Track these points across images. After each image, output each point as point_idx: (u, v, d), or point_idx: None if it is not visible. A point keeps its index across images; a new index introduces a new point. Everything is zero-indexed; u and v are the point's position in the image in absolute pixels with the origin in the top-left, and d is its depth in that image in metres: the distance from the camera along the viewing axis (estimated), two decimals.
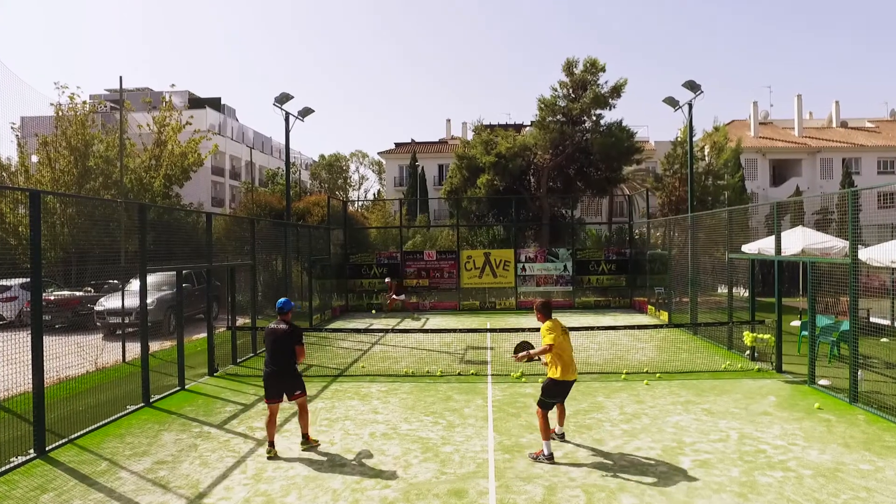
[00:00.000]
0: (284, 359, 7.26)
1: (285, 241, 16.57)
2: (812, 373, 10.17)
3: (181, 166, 24.52)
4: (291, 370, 7.31)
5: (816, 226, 18.21)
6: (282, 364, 7.25)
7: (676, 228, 18.72)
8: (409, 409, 9.12)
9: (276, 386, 7.29)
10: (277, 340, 7.26)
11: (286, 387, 7.30)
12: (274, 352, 7.27)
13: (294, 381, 7.35)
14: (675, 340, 14.88)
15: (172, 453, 7.31)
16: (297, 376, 7.41)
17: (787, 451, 7.05)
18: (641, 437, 7.62)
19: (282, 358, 7.26)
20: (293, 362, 7.32)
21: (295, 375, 7.37)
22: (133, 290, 15.18)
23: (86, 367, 11.81)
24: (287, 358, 7.26)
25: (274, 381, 7.27)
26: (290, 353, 7.27)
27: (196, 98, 51.01)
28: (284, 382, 7.29)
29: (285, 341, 7.25)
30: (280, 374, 7.26)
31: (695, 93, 17.95)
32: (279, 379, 7.27)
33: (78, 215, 20.70)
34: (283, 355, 7.26)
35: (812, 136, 42.66)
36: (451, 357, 13.15)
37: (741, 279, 15.50)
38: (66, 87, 31.52)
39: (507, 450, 7.23)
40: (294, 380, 7.35)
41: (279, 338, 7.26)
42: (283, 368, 7.26)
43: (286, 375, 7.28)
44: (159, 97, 28.66)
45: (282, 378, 7.27)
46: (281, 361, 7.26)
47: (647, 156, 31.34)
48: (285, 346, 7.25)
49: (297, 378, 7.41)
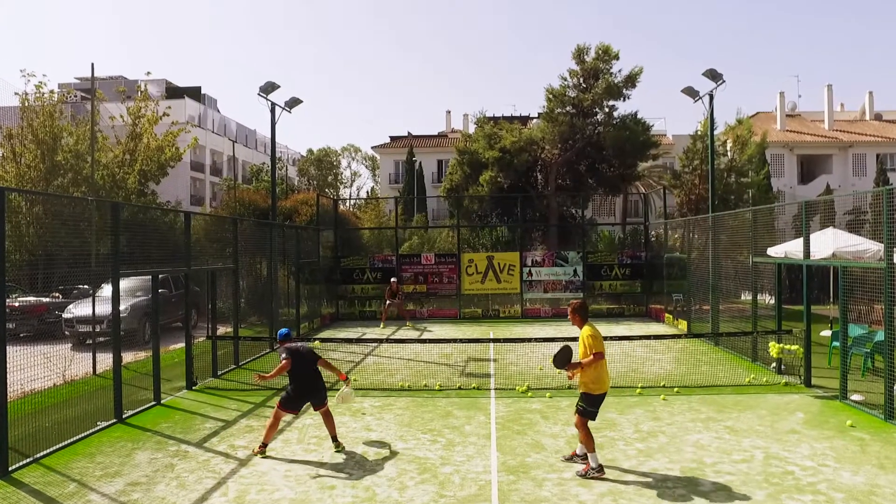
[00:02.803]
0: (317, 374, 8.21)
1: (270, 243, 16.57)
2: (844, 387, 10.16)
3: (158, 161, 24.56)
4: (322, 382, 8.28)
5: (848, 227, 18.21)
6: (316, 378, 8.17)
7: (696, 230, 18.73)
8: (404, 425, 9.11)
9: (305, 400, 8.18)
10: (308, 360, 8.15)
11: (319, 397, 8.15)
12: (307, 370, 8.12)
13: (324, 391, 8.27)
14: (694, 352, 14.88)
15: (147, 474, 7.30)
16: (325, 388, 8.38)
17: (817, 473, 7.04)
18: (658, 458, 7.61)
19: (315, 374, 8.18)
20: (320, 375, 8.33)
21: (324, 386, 8.32)
22: (105, 295, 15.15)
23: (53, 380, 11.80)
24: (318, 372, 8.25)
25: (305, 398, 8.16)
26: (317, 369, 8.28)
27: (174, 87, 51.10)
28: (318, 394, 8.15)
29: (313, 360, 8.20)
30: (315, 388, 8.14)
31: (716, 82, 17.98)
32: (314, 393, 8.13)
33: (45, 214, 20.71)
34: (316, 372, 8.21)
35: (843, 130, 42.74)
36: (450, 370, 13.14)
37: (766, 285, 15.50)
38: (32, 74, 31.38)
39: (511, 470, 7.22)
40: (324, 390, 8.28)
41: (306, 356, 8.16)
42: (318, 382, 8.17)
43: (320, 386, 8.19)
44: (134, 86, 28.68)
45: (316, 391, 8.14)
46: (316, 376, 8.18)
47: (664, 151, 31.37)
48: (314, 363, 8.21)
49: (325, 388, 8.35)
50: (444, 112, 50.29)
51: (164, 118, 25.38)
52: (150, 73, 29.99)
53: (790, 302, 18.04)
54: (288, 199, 28.46)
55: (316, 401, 8.15)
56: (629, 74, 26.16)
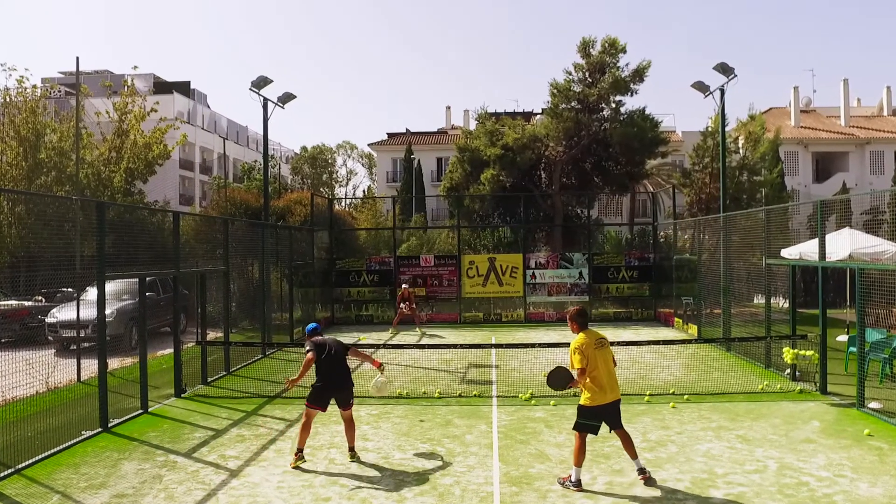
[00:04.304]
0: (345, 369, 8.21)
1: (263, 244, 16.58)
2: (861, 394, 10.16)
3: (145, 159, 24.57)
4: (351, 380, 8.24)
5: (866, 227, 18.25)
6: (344, 374, 8.15)
7: (707, 230, 18.75)
8: (402, 435, 9.11)
9: (331, 395, 8.05)
10: (337, 352, 8.13)
11: (345, 395, 8.10)
12: (334, 364, 8.08)
13: (351, 390, 8.23)
14: (705, 358, 14.89)
15: (134, 485, 7.30)
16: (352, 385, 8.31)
17: (834, 484, 7.05)
18: (667, 468, 7.61)
19: (343, 369, 8.17)
20: (350, 372, 8.31)
21: (352, 384, 8.26)
22: (90, 299, 15.17)
23: (36, 388, 11.79)
24: (347, 368, 8.26)
25: (331, 393, 8.05)
26: (347, 364, 8.29)
27: (162, 82, 51.14)
28: (345, 391, 8.12)
29: (342, 353, 8.21)
30: (343, 384, 8.11)
31: (728, 77, 18.01)
32: (341, 389, 8.08)
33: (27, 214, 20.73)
34: (344, 366, 8.21)
35: (860, 126, 42.78)
36: (450, 376, 13.15)
37: (780, 288, 15.53)
38: (13, 68, 31.68)
39: (514, 482, 7.22)
40: (351, 389, 8.23)
41: (337, 350, 8.16)
42: (346, 379, 8.15)
43: (348, 384, 8.17)
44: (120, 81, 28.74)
45: (344, 387, 8.11)
46: (344, 372, 8.16)
47: (673, 148, 31.41)
48: (343, 357, 8.24)
49: (352, 387, 8.28)
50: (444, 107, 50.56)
51: (151, 114, 25.40)
52: (137, 67, 30.37)
53: (805, 306, 18.06)
54: (281, 199, 28.45)
55: (342, 399, 8.06)
56: (637, 68, 26.20)
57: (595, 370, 6.97)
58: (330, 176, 63.70)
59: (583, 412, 7.06)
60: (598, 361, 7.00)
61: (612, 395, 7.03)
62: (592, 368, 6.96)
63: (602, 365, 7.02)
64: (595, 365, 6.97)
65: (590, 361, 6.95)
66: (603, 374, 6.99)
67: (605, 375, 7.00)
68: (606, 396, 6.98)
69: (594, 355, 7.00)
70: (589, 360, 6.95)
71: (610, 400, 7.01)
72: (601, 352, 7.07)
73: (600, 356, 7.04)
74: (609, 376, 7.04)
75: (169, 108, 40.95)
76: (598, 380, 6.96)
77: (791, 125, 42.16)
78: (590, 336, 7.14)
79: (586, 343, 7.04)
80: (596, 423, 7.08)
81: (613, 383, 7.09)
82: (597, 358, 7.00)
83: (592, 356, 6.98)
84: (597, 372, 6.97)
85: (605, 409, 7.03)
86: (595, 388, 6.96)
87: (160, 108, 26.99)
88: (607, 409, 7.04)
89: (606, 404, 7.00)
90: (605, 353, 7.13)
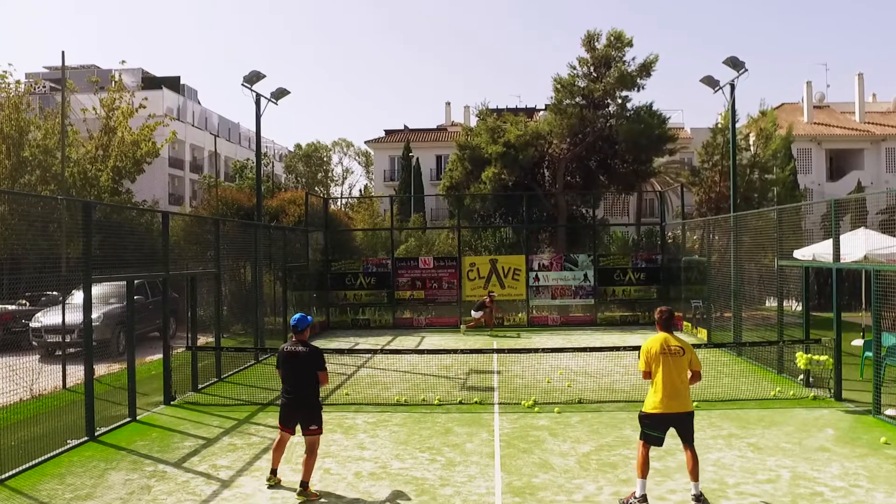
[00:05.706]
0: (307, 386, 7.43)
1: (255, 246, 16.59)
2: (877, 401, 10.17)
3: (133, 157, 24.54)
4: (313, 400, 7.48)
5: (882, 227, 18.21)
6: (303, 392, 7.43)
7: (717, 231, 18.74)
8: (401, 443, 9.11)
9: (293, 415, 7.48)
10: (298, 365, 7.43)
11: (302, 416, 7.43)
12: (293, 378, 7.44)
13: (313, 413, 7.45)
14: (715, 363, 14.86)
15: (121, 496, 7.29)
16: (318, 407, 7.54)
17: (849, 494, 7.05)
18: (676, 477, 7.61)
19: (304, 386, 7.43)
20: (316, 390, 7.51)
21: (315, 406, 7.51)
22: (75, 303, 15.16)
23: (19, 395, 11.78)
24: (310, 385, 7.44)
25: (290, 411, 7.48)
26: (313, 380, 7.44)
27: (151, 77, 51.15)
28: (301, 412, 7.44)
29: (307, 366, 7.41)
30: (299, 402, 7.43)
31: (738, 71, 18.01)
32: (297, 408, 7.44)
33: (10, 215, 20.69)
34: (305, 382, 7.42)
35: (876, 122, 42.80)
36: (450, 383, 13.15)
37: (793, 290, 15.51)
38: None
39: (516, 492, 7.22)
40: (313, 411, 7.46)
41: (300, 362, 7.42)
42: (305, 397, 7.43)
43: (306, 405, 7.44)
44: (108, 76, 28.73)
45: (300, 407, 7.44)
46: (303, 390, 7.43)
47: (681, 145, 31.45)
48: (307, 371, 7.42)
49: (317, 410, 7.51)
50: (444, 104, 50.29)
51: (140, 110, 25.37)
52: (124, 61, 29.95)
53: (819, 309, 18.06)
54: (274, 198, 28.47)
55: (305, 420, 7.38)
56: (644, 63, 26.19)
57: (656, 375, 6.89)
58: (325, 174, 63.68)
59: (641, 419, 7.03)
60: (662, 367, 6.87)
61: (675, 405, 6.81)
62: (654, 373, 6.90)
63: (666, 372, 6.86)
64: (657, 371, 6.88)
65: (652, 366, 6.91)
66: (664, 382, 6.85)
67: (667, 383, 6.84)
68: (666, 405, 6.81)
69: (658, 360, 6.89)
70: (651, 365, 6.91)
71: (672, 410, 6.81)
72: (671, 359, 6.90)
73: (666, 362, 6.88)
74: (672, 385, 6.83)
75: (158, 104, 41.02)
76: (658, 386, 6.87)
77: (804, 121, 42.17)
78: (661, 340, 7.00)
79: (651, 345, 7.01)
80: (656, 433, 6.92)
81: (677, 393, 6.85)
82: (661, 363, 6.88)
83: (656, 361, 6.90)
84: (657, 378, 6.88)
85: (668, 418, 6.86)
86: (653, 395, 6.90)
87: (149, 105, 26.94)
88: (670, 419, 6.87)
89: (668, 414, 6.82)
90: (677, 360, 6.92)
